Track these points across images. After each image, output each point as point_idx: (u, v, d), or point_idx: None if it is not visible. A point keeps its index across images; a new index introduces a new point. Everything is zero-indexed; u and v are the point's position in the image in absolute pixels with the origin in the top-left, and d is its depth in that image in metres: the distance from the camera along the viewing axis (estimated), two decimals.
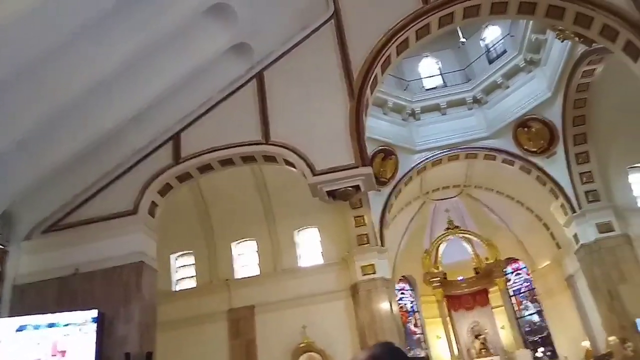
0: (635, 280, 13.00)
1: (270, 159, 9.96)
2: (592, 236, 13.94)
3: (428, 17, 10.16)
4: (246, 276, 15.47)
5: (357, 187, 9.53)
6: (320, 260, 15.51)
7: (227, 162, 10.15)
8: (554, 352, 17.60)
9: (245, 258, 15.96)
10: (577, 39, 11.06)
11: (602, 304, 13.71)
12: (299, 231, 16.03)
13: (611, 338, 13.29)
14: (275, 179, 14.43)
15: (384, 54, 9.98)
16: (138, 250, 9.32)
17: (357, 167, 9.22)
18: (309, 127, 9.55)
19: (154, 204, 9.97)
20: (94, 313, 8.41)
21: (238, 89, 10.28)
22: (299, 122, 9.62)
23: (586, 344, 16.18)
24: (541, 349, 17.85)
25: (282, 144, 9.50)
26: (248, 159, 10.13)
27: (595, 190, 14.28)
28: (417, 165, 15.98)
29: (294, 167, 9.56)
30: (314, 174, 9.21)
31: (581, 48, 12.20)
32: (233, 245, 15.91)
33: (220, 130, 9.95)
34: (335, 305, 13.78)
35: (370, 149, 13.35)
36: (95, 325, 8.34)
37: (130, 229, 9.42)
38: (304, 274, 15.03)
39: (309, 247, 15.91)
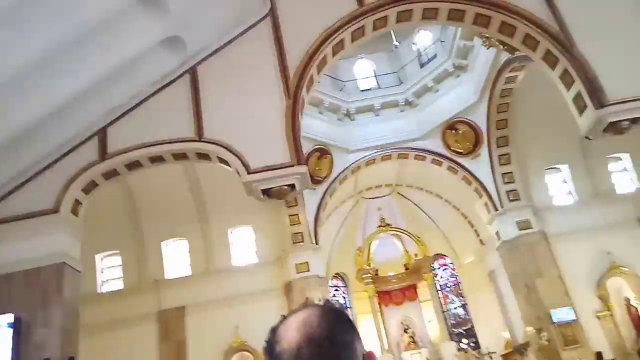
0: (550, 274, 13.99)
1: (203, 156, 9.73)
2: (513, 233, 14.82)
3: (363, 19, 10.35)
4: (177, 276, 15.05)
5: (292, 186, 9.52)
6: (254, 259, 15.39)
7: (157, 159, 9.80)
8: (477, 343, 18.58)
9: (176, 258, 15.51)
10: (501, 46, 11.74)
11: (520, 296, 14.64)
12: (232, 230, 15.81)
13: (528, 329, 14.23)
14: (209, 176, 14.13)
15: (319, 54, 10.05)
16: (59, 251, 8.80)
17: (292, 166, 9.22)
18: (244, 124, 9.42)
19: (77, 202, 9.44)
20: (10, 317, 7.90)
21: (170, 83, 9.94)
22: (234, 120, 9.47)
23: (506, 334, 17.23)
24: (465, 341, 18.79)
25: (216, 142, 9.30)
26: (180, 156, 9.83)
27: (516, 190, 15.19)
28: (351, 164, 16.28)
29: (228, 165, 9.40)
30: (249, 172, 9.11)
31: (505, 55, 12.93)
32: (163, 244, 15.42)
33: (150, 126, 9.58)
34: (268, 304, 13.71)
35: (305, 148, 13.42)
36: (11, 330, 7.81)
37: (51, 228, 8.88)
38: (238, 273, 14.86)
39: (243, 246, 15.74)
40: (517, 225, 14.80)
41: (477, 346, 18.29)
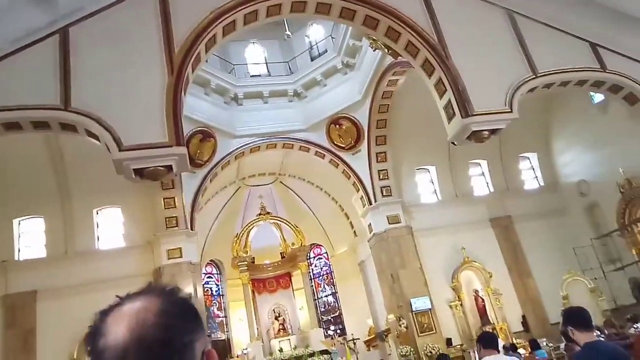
0: (412, 266, 15.13)
1: (68, 127, 8.81)
2: (383, 226, 15.75)
3: (257, 3, 10.15)
4: (29, 258, 13.58)
5: (169, 168, 9.06)
6: (121, 243, 14.46)
7: (13, 126, 8.68)
8: (343, 329, 19.49)
9: (29, 237, 13.99)
10: (386, 50, 12.30)
11: (385, 286, 15.65)
12: (98, 210, 14.68)
13: (390, 316, 15.26)
14: (74, 151, 12.87)
15: (209, 32, 9.64)
16: None
17: (170, 146, 8.74)
18: (120, 97, 8.70)
19: None
20: None
21: (35, 42, 8.84)
22: (108, 91, 8.70)
23: (370, 322, 18.34)
24: (333, 327, 19.61)
25: (85, 113, 8.47)
26: (41, 125, 8.80)
27: (389, 186, 16.14)
28: (235, 150, 15.97)
29: (98, 139, 8.64)
30: (121, 149, 8.44)
31: (389, 59, 13.57)
32: (15, 222, 13.80)
33: (8, 88, 8.45)
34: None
35: (187, 129, 12.91)
36: None
37: None
38: (102, 257, 13.85)
39: (110, 228, 14.71)
40: (387, 219, 15.75)
41: (343, 332, 19.18)
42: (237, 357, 17.17)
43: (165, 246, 13.67)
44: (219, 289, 20.14)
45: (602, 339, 3.72)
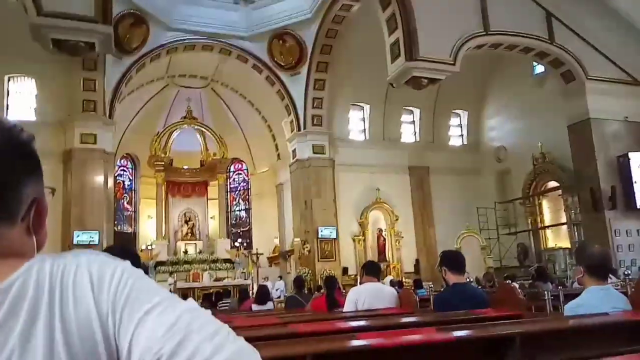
0: (327, 197, 15.51)
1: None
2: (307, 154, 15.82)
3: None
4: None
5: (91, 45, 8.32)
6: (32, 117, 13.41)
7: None
8: (250, 243, 19.92)
9: None
10: None
11: (297, 211, 16.01)
12: (11, 77, 13.40)
13: (297, 239, 15.78)
14: None
15: None
16: None
17: (95, 22, 8.01)
18: None
19: None
20: None
21: None
22: None
23: (276, 241, 18.89)
24: (240, 240, 20.00)
25: None
26: None
27: (321, 116, 16.04)
28: (168, 43, 14.86)
29: None
30: (40, 14, 7.60)
31: None
32: None
33: None
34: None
35: (118, 9, 11.77)
36: None
37: None
38: None
39: (22, 99, 13.57)
40: (312, 148, 15.81)
41: (249, 247, 19.62)
42: (141, 251, 17.13)
43: (80, 129, 12.90)
44: (131, 183, 19.60)
45: (471, 284, 4.07)
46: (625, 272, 4.34)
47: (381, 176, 16.41)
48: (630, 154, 11.90)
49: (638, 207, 11.73)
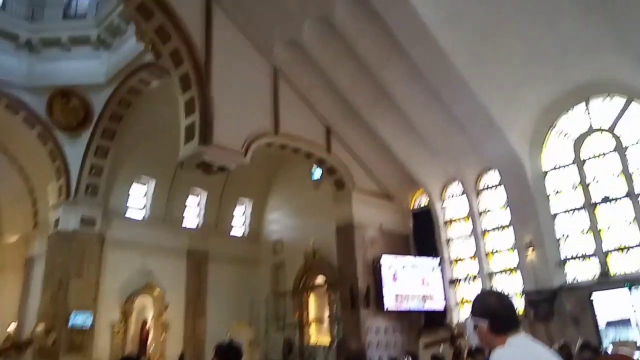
0: (88, 277, 13.69)
1: None
2: (72, 226, 14.02)
3: None
4: None
5: None
6: None
7: None
8: None
9: None
10: (151, 46, 11.52)
11: (48, 291, 13.60)
12: None
13: (40, 326, 13.20)
14: None
15: None
16: None
17: None
18: None
19: None
20: None
21: None
22: None
23: (12, 327, 15.50)
24: None
25: None
26: None
27: (97, 185, 14.62)
28: None
29: None
30: None
31: (150, 57, 12.72)
32: None
33: None
34: None
35: None
36: None
37: None
38: None
39: None
40: (80, 220, 14.12)
41: None
42: None
43: None
44: None
45: None
46: None
47: (156, 258, 15.31)
48: (383, 258, 13.56)
49: (385, 308, 13.15)
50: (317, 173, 16.52)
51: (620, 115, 10.57)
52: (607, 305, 10.04)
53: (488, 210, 12.78)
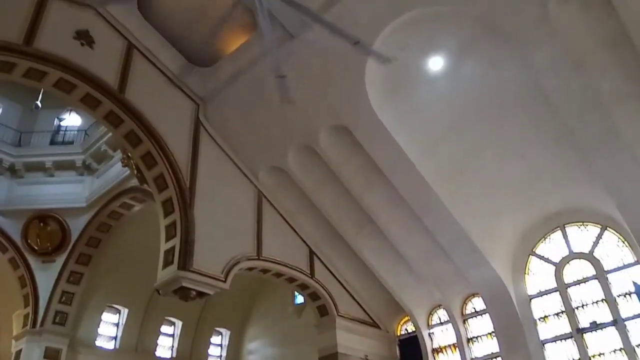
0: None
1: None
2: (36, 358, 12.99)
3: (19, 58, 9.00)
4: None
5: None
6: None
7: None
8: None
9: None
10: (135, 171, 11.67)
11: None
12: None
13: None
14: None
15: None
16: None
17: None
18: None
19: None
20: None
21: None
22: None
23: None
24: None
25: None
26: None
27: (67, 313, 13.85)
28: None
29: None
30: None
31: (134, 182, 12.84)
32: None
33: None
34: None
35: None
36: None
37: None
38: None
39: None
40: (45, 351, 13.17)
41: None
42: None
43: None
44: None
45: None
46: None
47: None
48: None
49: None
50: (300, 298, 16.00)
51: (596, 242, 10.72)
52: None
53: (476, 338, 12.29)
